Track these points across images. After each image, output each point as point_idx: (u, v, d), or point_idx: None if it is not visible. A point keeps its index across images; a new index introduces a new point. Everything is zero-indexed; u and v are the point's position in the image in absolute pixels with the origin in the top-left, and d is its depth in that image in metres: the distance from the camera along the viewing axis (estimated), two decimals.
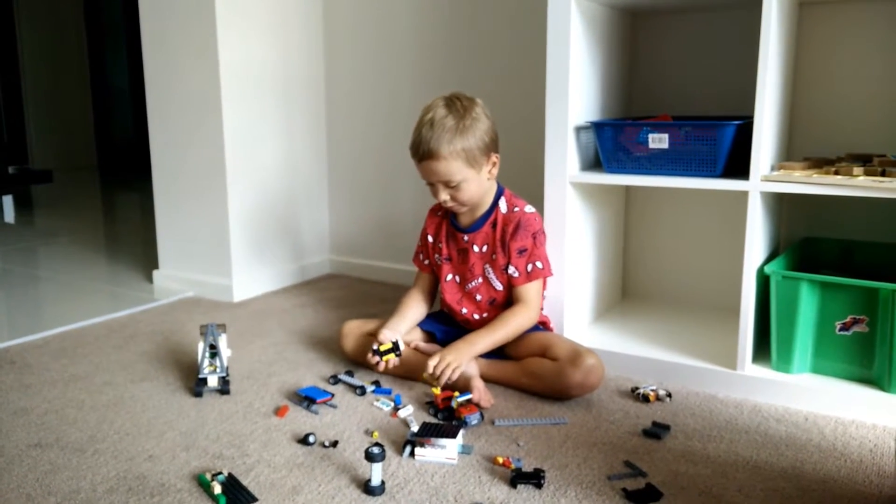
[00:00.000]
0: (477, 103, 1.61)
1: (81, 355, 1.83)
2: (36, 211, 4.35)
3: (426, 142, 1.55)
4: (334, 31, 2.55)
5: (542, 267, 1.63)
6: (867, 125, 1.71)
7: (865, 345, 1.47)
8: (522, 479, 1.20)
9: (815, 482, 1.21)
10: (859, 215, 1.74)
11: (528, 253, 1.62)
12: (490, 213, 1.66)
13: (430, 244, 1.76)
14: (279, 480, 1.22)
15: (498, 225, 1.65)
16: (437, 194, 1.61)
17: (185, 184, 2.37)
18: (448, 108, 1.57)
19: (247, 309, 2.25)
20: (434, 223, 1.76)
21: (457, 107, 1.57)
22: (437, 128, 1.54)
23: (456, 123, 1.54)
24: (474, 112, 1.58)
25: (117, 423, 1.44)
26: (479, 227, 1.67)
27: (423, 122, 1.57)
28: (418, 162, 1.59)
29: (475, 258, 1.68)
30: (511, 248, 1.62)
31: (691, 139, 1.58)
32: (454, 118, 1.55)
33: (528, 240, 1.62)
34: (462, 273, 1.70)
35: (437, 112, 1.56)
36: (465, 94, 1.62)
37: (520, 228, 1.62)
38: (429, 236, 1.76)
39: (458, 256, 1.71)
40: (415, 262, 1.82)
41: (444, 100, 1.59)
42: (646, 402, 1.53)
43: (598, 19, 1.76)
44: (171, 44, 2.30)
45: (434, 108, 1.58)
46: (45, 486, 1.21)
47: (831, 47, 1.73)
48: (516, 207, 1.65)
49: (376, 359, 1.58)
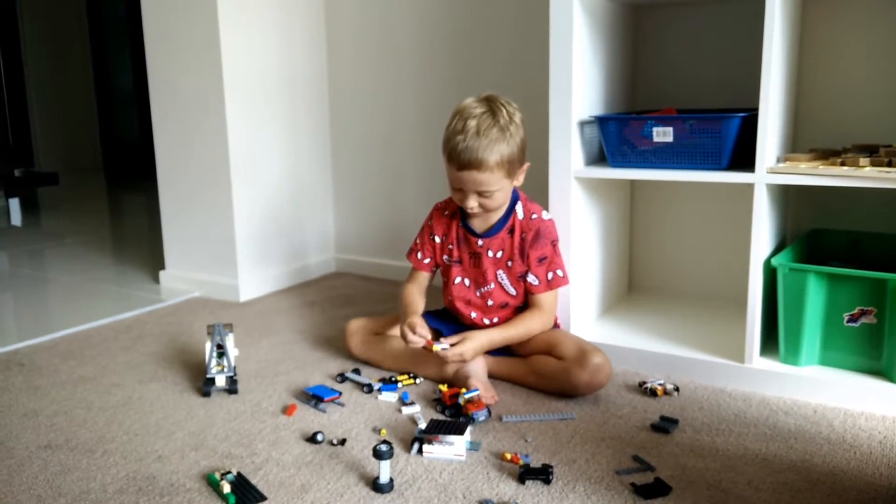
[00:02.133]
0: (517, 109, 1.55)
1: (90, 357, 1.84)
2: (42, 213, 4.37)
3: (472, 151, 1.48)
4: (337, 30, 2.54)
5: (563, 276, 1.62)
6: (873, 116, 1.70)
7: (874, 336, 1.47)
8: (531, 474, 1.20)
9: (825, 475, 1.21)
10: (866, 206, 1.73)
11: (549, 261, 1.61)
12: (507, 218, 1.63)
13: (437, 245, 1.71)
14: (288, 479, 1.22)
15: (516, 231, 1.62)
16: (464, 200, 1.56)
17: (190, 184, 2.38)
18: (493, 115, 1.50)
19: (253, 308, 2.25)
20: (442, 224, 1.71)
21: (503, 114, 1.51)
22: (483, 138, 1.48)
23: (503, 134, 1.49)
24: (517, 120, 1.53)
25: (126, 424, 1.45)
26: (496, 232, 1.63)
27: (467, 128, 1.49)
28: (457, 170, 1.52)
29: (488, 263, 1.64)
30: (531, 256, 1.60)
31: (696, 132, 1.58)
32: (500, 128, 1.49)
33: (548, 248, 1.61)
34: (474, 277, 1.67)
35: (483, 120, 1.49)
36: (504, 99, 1.55)
37: (540, 237, 1.60)
38: (436, 237, 1.71)
39: (470, 260, 1.67)
40: (410, 259, 1.75)
41: (487, 105, 1.52)
42: (653, 397, 1.52)
43: (601, 13, 1.75)
44: (174, 45, 2.30)
45: (478, 115, 1.50)
46: (55, 487, 1.21)
47: (836, 38, 1.72)
48: (534, 214, 1.62)
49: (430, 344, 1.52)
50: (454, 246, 1.69)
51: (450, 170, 1.55)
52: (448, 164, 1.55)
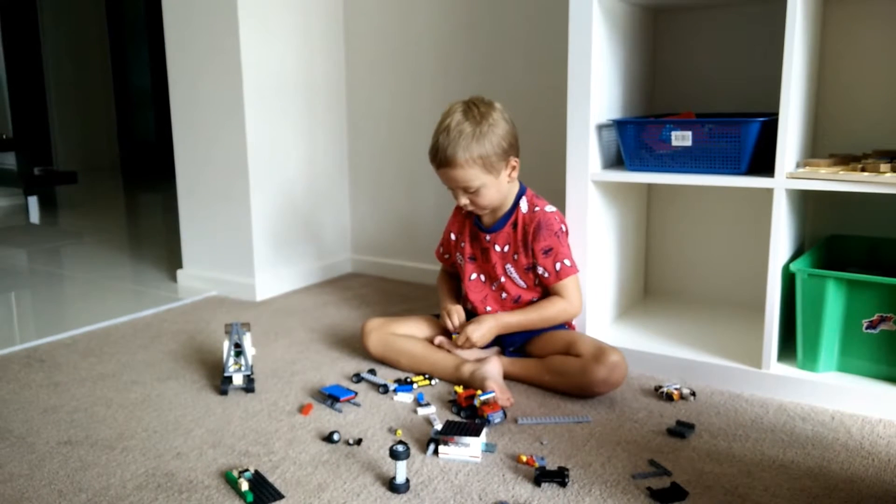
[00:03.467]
0: (495, 108, 1.60)
1: (109, 354, 1.86)
2: (60, 212, 4.41)
3: (443, 149, 1.56)
4: (355, 31, 2.56)
5: (570, 265, 1.63)
6: (894, 121, 1.69)
7: (893, 343, 1.46)
8: (546, 477, 1.20)
9: (842, 481, 1.20)
10: (886, 212, 1.72)
11: (555, 252, 1.62)
12: (511, 213, 1.67)
13: (452, 242, 1.78)
14: (305, 478, 1.23)
15: (519, 225, 1.65)
16: (457, 198, 1.63)
17: (208, 184, 2.40)
18: (465, 114, 1.57)
19: (270, 308, 2.27)
20: (458, 221, 1.78)
21: (474, 113, 1.57)
22: (453, 135, 1.55)
23: (472, 130, 1.55)
24: (491, 118, 1.57)
25: (145, 421, 1.46)
26: (501, 227, 1.67)
27: (441, 128, 1.58)
28: (436, 168, 1.61)
29: (496, 258, 1.68)
30: (535, 248, 1.62)
31: (715, 136, 1.57)
32: (471, 125, 1.55)
33: (553, 238, 1.62)
34: (487, 272, 1.71)
35: (454, 118, 1.57)
36: (483, 99, 1.61)
37: (541, 228, 1.62)
38: (451, 234, 1.78)
39: (482, 256, 1.72)
40: (437, 255, 1.87)
41: (462, 105, 1.60)
42: (669, 401, 1.52)
43: (620, 16, 1.75)
44: (194, 46, 2.32)
45: (451, 114, 1.58)
46: (75, 482, 1.23)
47: (857, 42, 1.71)
48: (537, 207, 1.65)
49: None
50: (466, 242, 1.74)
51: (434, 170, 1.63)
52: (431, 164, 1.63)
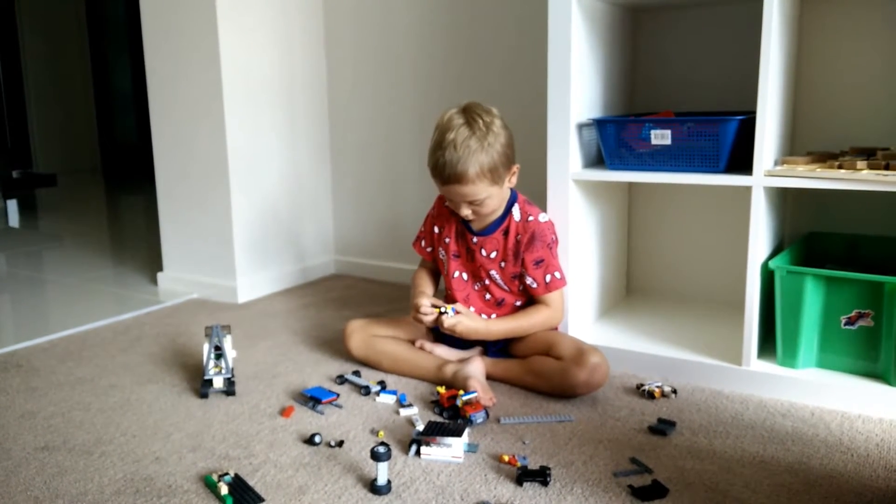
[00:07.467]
0: (496, 115, 1.56)
1: (87, 358, 1.84)
2: (40, 214, 4.37)
3: (451, 166, 1.50)
4: (336, 33, 2.55)
5: (560, 277, 1.63)
6: (871, 119, 1.70)
7: (871, 339, 1.47)
8: (528, 476, 1.20)
9: (822, 477, 1.21)
10: (864, 209, 1.74)
11: (546, 264, 1.62)
12: (503, 219, 1.64)
13: (435, 235, 1.75)
14: (285, 480, 1.22)
15: (510, 233, 1.63)
16: (458, 209, 1.58)
17: (188, 186, 2.38)
18: (469, 126, 1.51)
19: (251, 310, 2.25)
20: (443, 215, 1.73)
21: (479, 125, 1.52)
22: (461, 151, 1.49)
23: (480, 145, 1.50)
24: (494, 127, 1.53)
25: (124, 426, 1.45)
26: (491, 232, 1.65)
27: (446, 143, 1.51)
28: (442, 184, 1.55)
29: (481, 261, 1.67)
30: (526, 259, 1.61)
31: (694, 135, 1.58)
32: (477, 140, 1.50)
33: (545, 250, 1.61)
34: (471, 271, 1.70)
35: (459, 133, 1.50)
36: (481, 106, 1.56)
37: (535, 240, 1.61)
38: (435, 228, 1.75)
39: (467, 255, 1.70)
40: (415, 248, 1.81)
41: (462, 116, 1.53)
42: (651, 399, 1.53)
43: (599, 15, 1.76)
44: (173, 47, 2.30)
45: (454, 127, 1.51)
46: (52, 488, 1.21)
47: (834, 40, 1.73)
48: (530, 216, 1.63)
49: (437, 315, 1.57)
50: (451, 239, 1.71)
51: (436, 184, 1.57)
52: (433, 178, 1.57)
